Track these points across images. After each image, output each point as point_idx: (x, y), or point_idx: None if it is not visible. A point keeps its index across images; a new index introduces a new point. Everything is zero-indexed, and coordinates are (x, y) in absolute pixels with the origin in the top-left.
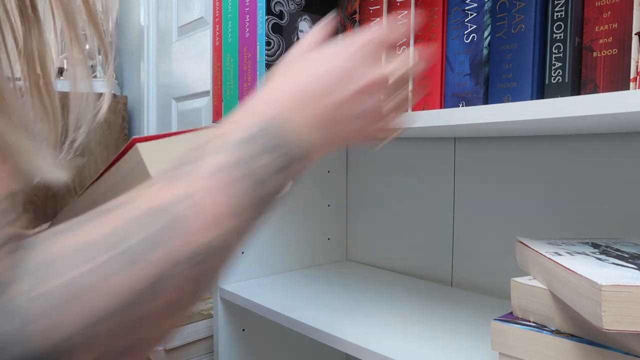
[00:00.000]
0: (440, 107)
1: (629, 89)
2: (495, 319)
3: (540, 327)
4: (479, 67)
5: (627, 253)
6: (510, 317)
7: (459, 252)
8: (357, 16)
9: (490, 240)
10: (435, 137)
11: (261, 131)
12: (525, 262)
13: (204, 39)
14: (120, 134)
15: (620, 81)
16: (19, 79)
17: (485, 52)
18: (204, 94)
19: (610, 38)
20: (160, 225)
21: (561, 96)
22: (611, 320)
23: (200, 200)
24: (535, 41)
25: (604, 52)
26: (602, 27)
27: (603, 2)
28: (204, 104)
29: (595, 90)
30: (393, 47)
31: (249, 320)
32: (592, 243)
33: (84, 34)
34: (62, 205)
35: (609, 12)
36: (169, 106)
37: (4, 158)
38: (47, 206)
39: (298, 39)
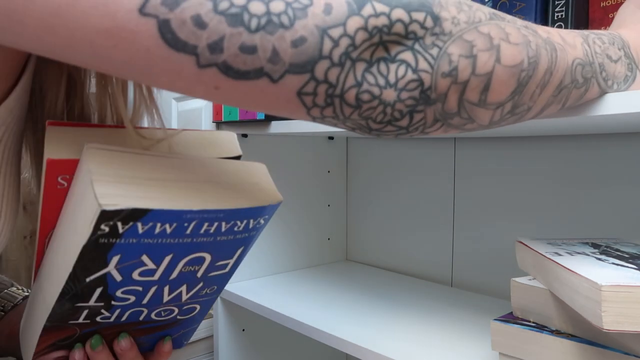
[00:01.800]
0: None
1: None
2: (495, 319)
3: (540, 327)
4: None
5: (627, 253)
6: (510, 317)
7: (459, 252)
8: None
9: (490, 240)
10: (435, 137)
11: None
12: (525, 262)
13: None
14: None
15: None
16: None
17: None
18: None
19: None
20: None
21: None
22: (611, 320)
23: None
24: None
25: None
26: (607, 28)
27: (609, 3)
28: (204, 104)
29: None
30: None
31: (249, 320)
32: (592, 243)
33: None
34: None
35: (614, 13)
36: (169, 106)
37: None
38: None
39: None
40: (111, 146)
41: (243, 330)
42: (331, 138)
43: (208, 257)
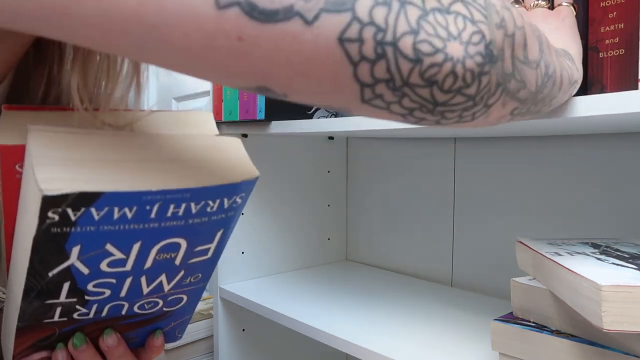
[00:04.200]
0: None
1: (637, 89)
2: (495, 319)
3: (540, 327)
4: None
5: (627, 253)
6: (510, 317)
7: (459, 252)
8: None
9: (490, 240)
10: (435, 137)
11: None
12: (525, 262)
13: None
14: None
15: (627, 81)
16: None
17: None
18: (204, 94)
19: (617, 38)
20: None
21: None
22: (611, 320)
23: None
24: None
25: (610, 53)
26: (607, 28)
27: (608, 3)
28: (204, 104)
29: (602, 90)
30: None
31: (249, 320)
32: (592, 243)
33: None
34: None
35: (614, 13)
36: (169, 106)
37: None
38: None
39: None
40: (58, 127)
41: (243, 330)
42: (331, 138)
43: (184, 243)
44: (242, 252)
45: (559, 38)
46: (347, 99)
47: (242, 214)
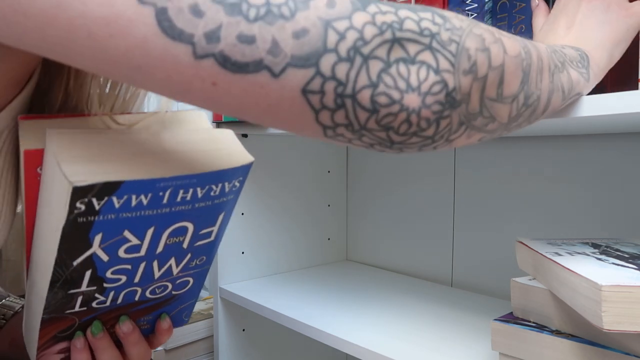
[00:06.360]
0: None
1: (637, 89)
2: (495, 319)
3: (540, 327)
4: None
5: (627, 253)
6: (510, 317)
7: (459, 252)
8: None
9: (490, 240)
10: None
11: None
12: (525, 262)
13: None
14: None
15: (627, 81)
16: None
17: None
18: None
19: None
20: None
21: None
22: (611, 320)
23: None
24: None
25: None
26: None
27: None
28: None
29: (602, 90)
30: None
31: (249, 320)
32: (592, 243)
33: None
34: None
35: None
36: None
37: None
38: None
39: None
40: (73, 129)
41: (243, 330)
42: None
43: (191, 226)
44: (242, 252)
45: (603, 31)
46: (313, 135)
47: (242, 214)
